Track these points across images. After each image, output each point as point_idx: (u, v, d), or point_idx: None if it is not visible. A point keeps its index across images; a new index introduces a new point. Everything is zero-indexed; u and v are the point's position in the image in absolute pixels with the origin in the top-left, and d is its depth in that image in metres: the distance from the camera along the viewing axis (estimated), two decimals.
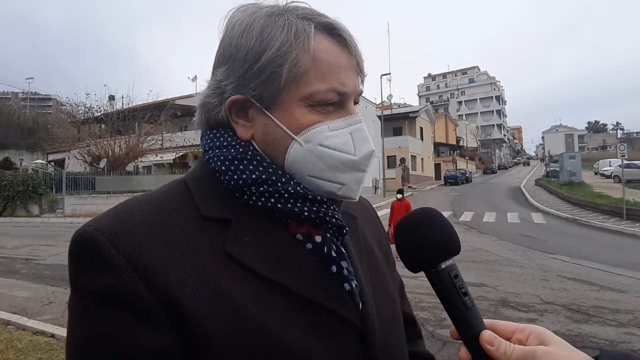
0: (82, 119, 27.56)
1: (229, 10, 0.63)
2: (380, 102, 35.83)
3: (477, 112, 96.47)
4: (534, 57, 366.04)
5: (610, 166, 35.63)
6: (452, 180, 39.15)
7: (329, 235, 0.62)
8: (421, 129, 43.06)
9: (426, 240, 0.56)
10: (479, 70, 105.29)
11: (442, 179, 41.99)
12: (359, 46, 0.63)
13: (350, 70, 0.61)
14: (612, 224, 14.51)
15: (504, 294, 6.19)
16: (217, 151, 0.62)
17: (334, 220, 0.61)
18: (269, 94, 0.59)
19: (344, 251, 0.64)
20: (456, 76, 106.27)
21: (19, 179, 19.06)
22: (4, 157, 31.83)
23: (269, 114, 0.60)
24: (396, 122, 39.22)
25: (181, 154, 24.05)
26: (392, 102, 41.38)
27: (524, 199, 25.23)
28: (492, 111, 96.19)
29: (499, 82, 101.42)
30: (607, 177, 33.92)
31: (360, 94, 0.64)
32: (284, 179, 0.59)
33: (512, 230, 13.44)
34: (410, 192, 27.82)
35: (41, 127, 38.24)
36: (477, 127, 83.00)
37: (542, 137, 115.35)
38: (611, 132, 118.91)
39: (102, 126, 26.71)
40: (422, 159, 42.78)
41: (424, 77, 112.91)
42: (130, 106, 25.09)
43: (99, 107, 25.98)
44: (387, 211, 9.19)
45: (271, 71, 0.58)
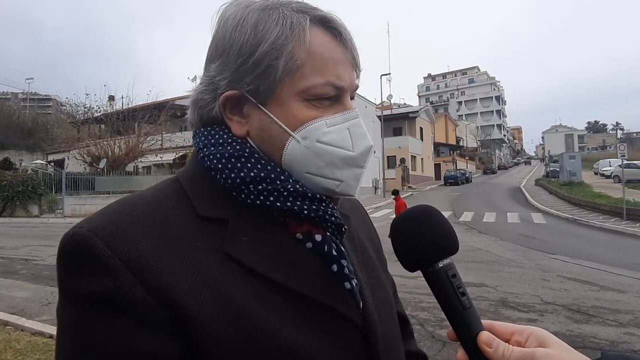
0: (81, 119, 27.65)
1: (221, 4, 0.62)
2: (380, 102, 35.84)
3: (477, 112, 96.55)
4: (534, 57, 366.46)
5: (610, 166, 35.62)
6: (452, 180, 39.14)
7: (328, 234, 0.61)
8: (421, 129, 43.10)
9: (423, 238, 0.55)
10: (479, 70, 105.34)
11: (442, 179, 42.00)
12: (354, 40, 0.62)
13: (346, 64, 0.60)
14: (612, 224, 14.49)
15: (504, 294, 6.18)
16: (212, 149, 0.60)
17: (334, 218, 0.60)
18: (265, 88, 0.57)
19: (343, 250, 0.63)
20: (456, 76, 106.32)
21: (19, 179, 19.06)
22: (3, 158, 31.80)
23: (264, 109, 0.58)
24: (396, 122, 39.28)
25: (181, 154, 24.02)
26: (392, 102, 41.41)
27: (524, 199, 25.21)
28: (492, 111, 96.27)
29: (498, 82, 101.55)
30: (607, 177, 33.89)
31: (356, 88, 0.63)
32: (282, 177, 0.58)
33: (512, 230, 13.42)
34: (410, 193, 27.88)
35: (41, 128, 38.35)
36: (477, 127, 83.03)
37: (542, 137, 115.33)
38: (611, 132, 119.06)
39: (102, 126, 26.79)
40: (422, 159, 42.83)
41: (424, 77, 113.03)
42: (130, 106, 25.12)
43: (99, 108, 26.06)
44: (387, 211, 9.20)
45: (267, 64, 0.56)
